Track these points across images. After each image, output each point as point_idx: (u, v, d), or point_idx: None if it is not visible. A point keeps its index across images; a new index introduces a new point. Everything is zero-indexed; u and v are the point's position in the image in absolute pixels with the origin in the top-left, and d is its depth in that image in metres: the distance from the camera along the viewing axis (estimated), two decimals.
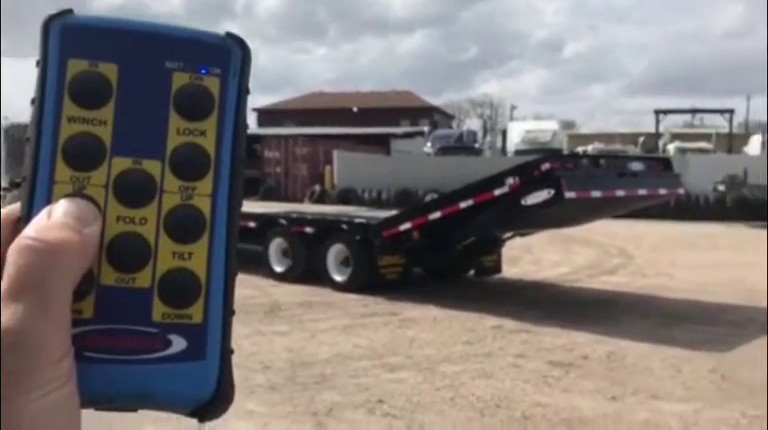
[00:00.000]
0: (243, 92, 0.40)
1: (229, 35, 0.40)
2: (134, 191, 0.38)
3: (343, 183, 25.98)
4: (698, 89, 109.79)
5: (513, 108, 60.56)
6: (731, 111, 31.65)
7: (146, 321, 0.38)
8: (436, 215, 8.10)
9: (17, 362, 0.33)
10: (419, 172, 24.93)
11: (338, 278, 9.03)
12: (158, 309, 0.38)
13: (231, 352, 0.39)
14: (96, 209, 0.38)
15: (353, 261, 8.89)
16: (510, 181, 7.46)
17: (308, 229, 9.51)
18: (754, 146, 27.44)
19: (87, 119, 0.38)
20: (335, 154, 27.35)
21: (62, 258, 0.35)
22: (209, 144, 0.39)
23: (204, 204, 0.39)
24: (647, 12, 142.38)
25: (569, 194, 7.09)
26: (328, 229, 9.36)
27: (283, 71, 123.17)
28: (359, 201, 23.00)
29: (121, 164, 0.38)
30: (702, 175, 20.87)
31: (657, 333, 6.76)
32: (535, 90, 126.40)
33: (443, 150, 31.17)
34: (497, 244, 9.57)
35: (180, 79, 0.39)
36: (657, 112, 30.99)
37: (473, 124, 62.48)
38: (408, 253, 8.80)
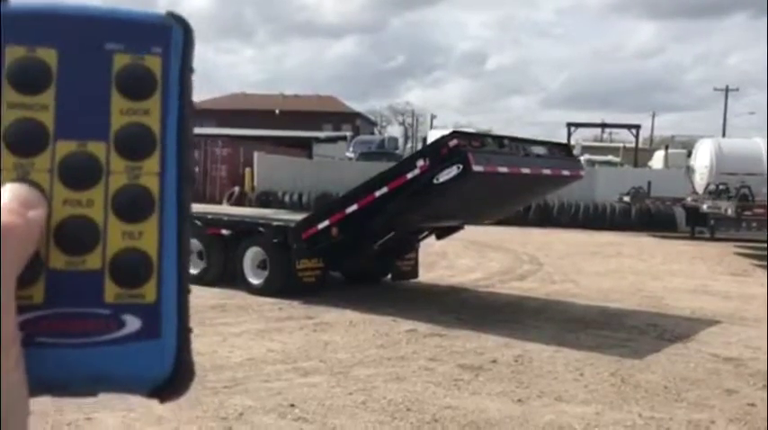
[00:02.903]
0: (186, 70, 0.40)
1: (170, 14, 0.40)
2: (79, 173, 0.38)
3: (263, 185, 25.63)
4: (609, 105, 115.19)
5: (433, 117, 61.58)
6: (638, 127, 33.33)
7: (98, 303, 0.37)
8: (353, 208, 8.12)
9: None
10: (340, 176, 24.89)
11: (255, 281, 8.91)
12: (110, 290, 0.37)
13: (190, 330, 0.38)
14: (41, 193, 0.37)
15: (270, 264, 8.80)
16: (420, 163, 7.62)
17: (225, 231, 9.34)
18: (657, 160, 28.98)
19: (28, 104, 0.38)
20: (256, 156, 26.96)
21: (6, 243, 0.34)
22: (153, 123, 0.39)
23: (152, 183, 0.38)
24: (567, 29, 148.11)
25: (477, 168, 7.31)
26: (245, 232, 9.23)
27: (208, 71, 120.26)
28: (279, 205, 22.75)
29: (66, 147, 0.38)
30: (609, 187, 21.85)
31: (563, 337, 7.03)
32: (457, 100, 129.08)
33: (365, 156, 31.30)
34: (413, 245, 9.70)
35: (121, 60, 0.39)
36: (569, 125, 32.25)
37: (395, 131, 63.09)
38: (326, 256, 8.79)
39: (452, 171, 7.29)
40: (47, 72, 0.38)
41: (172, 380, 0.38)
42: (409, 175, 7.67)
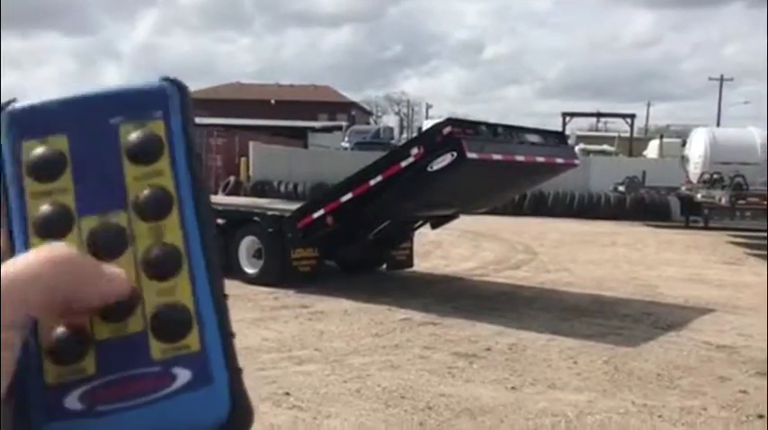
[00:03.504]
0: (188, 125, 0.42)
1: (164, 79, 0.42)
2: (107, 244, 0.40)
3: (258, 175, 25.60)
4: (606, 94, 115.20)
5: (428, 107, 61.53)
6: (633, 116, 33.36)
7: (147, 362, 0.38)
8: (348, 197, 8.12)
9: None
10: (336, 166, 24.85)
11: (250, 271, 8.92)
12: (156, 348, 0.38)
13: (240, 371, 0.40)
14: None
15: (266, 253, 8.81)
16: (414, 151, 7.63)
17: (220, 221, 9.33)
18: (652, 150, 29.03)
19: (49, 191, 0.40)
20: (251, 145, 26.90)
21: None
22: (167, 182, 0.40)
23: (176, 238, 0.40)
24: (564, 18, 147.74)
25: (471, 155, 7.32)
26: (240, 221, 9.23)
27: (205, 61, 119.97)
28: (274, 194, 22.72)
29: (90, 222, 0.40)
30: (604, 176, 21.89)
31: (557, 325, 7.07)
32: (454, 90, 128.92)
33: (360, 145, 31.25)
34: (408, 234, 9.71)
35: (126, 130, 0.41)
36: (564, 115, 32.26)
37: (390, 121, 62.95)
38: (322, 246, 8.79)
39: (446, 158, 7.30)
40: (61, 157, 0.40)
41: (232, 422, 0.39)
42: (403, 164, 7.67)
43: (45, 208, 0.40)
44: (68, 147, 0.41)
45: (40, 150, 0.40)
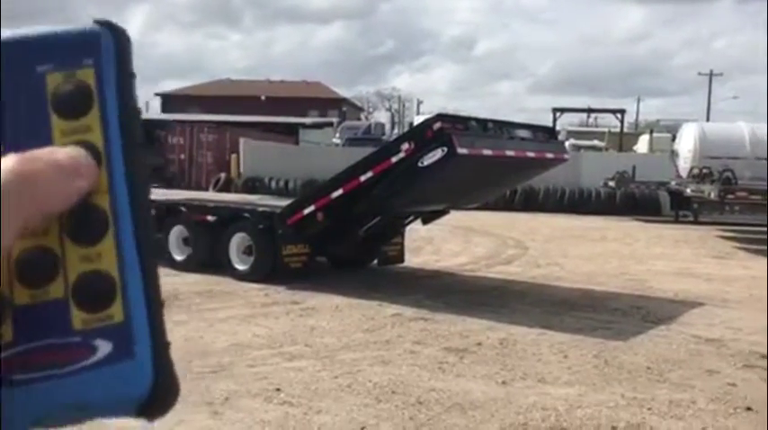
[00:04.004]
0: (125, 77, 0.39)
1: (98, 22, 0.39)
2: None
3: (249, 171, 25.54)
4: (597, 90, 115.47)
5: (420, 102, 61.53)
6: (623, 112, 33.42)
7: (67, 331, 0.37)
8: (339, 193, 8.11)
9: None
10: (327, 162, 24.80)
11: (240, 267, 8.89)
12: (77, 317, 0.37)
13: (167, 344, 0.38)
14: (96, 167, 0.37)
15: (256, 250, 8.79)
16: (405, 146, 7.63)
17: (210, 218, 9.31)
18: (642, 145, 29.12)
19: None
20: (242, 142, 26.82)
21: (26, 190, 0.34)
22: (96, 138, 0.38)
23: (103, 201, 0.37)
24: (556, 13, 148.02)
25: (462, 151, 7.33)
26: (231, 218, 9.20)
27: (196, 57, 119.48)
28: (265, 191, 22.71)
29: None
30: (594, 172, 21.94)
31: (547, 320, 7.09)
32: (446, 86, 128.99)
33: (352, 141, 31.19)
34: (399, 230, 9.71)
35: (54, 80, 0.38)
36: (555, 111, 32.29)
37: (381, 117, 62.96)
38: (312, 242, 8.78)
39: (437, 154, 7.30)
40: None
41: (154, 398, 0.37)
42: (394, 159, 7.67)
43: None
44: None
45: None
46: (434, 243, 12.69)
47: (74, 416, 0.37)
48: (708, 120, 38.81)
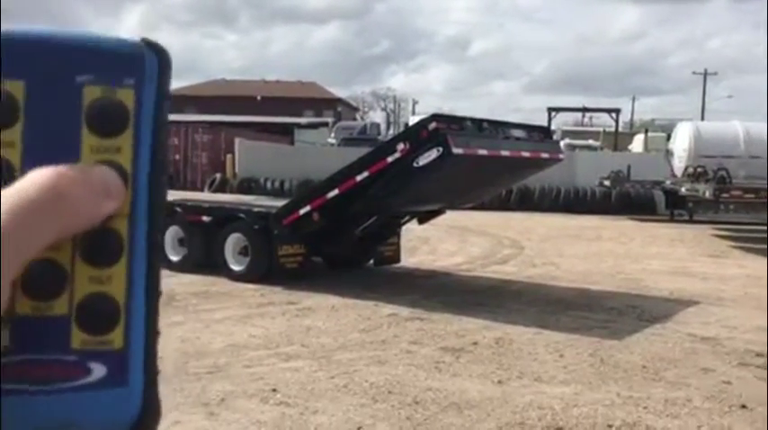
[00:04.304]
0: (161, 100, 0.38)
1: (144, 41, 0.38)
2: None
3: (244, 172, 25.50)
4: (592, 89, 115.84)
5: (415, 102, 61.59)
6: (617, 111, 33.55)
7: (64, 349, 0.36)
8: (334, 193, 8.11)
9: None
10: (322, 162, 24.76)
11: (236, 268, 8.88)
12: (77, 337, 0.36)
13: (157, 372, 0.38)
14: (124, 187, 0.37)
15: (252, 250, 8.78)
16: (401, 146, 7.64)
17: (206, 218, 9.30)
18: (637, 144, 29.19)
19: None
20: (237, 142, 26.80)
21: (56, 208, 0.34)
22: (124, 160, 0.37)
23: (121, 226, 0.37)
24: (551, 13, 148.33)
25: (457, 150, 7.34)
26: (226, 218, 9.19)
27: (191, 57, 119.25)
28: (261, 191, 22.69)
29: None
30: (590, 171, 21.97)
31: (543, 319, 7.10)
32: (441, 86, 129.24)
33: (347, 141, 31.20)
34: (395, 230, 9.71)
35: (91, 93, 0.37)
36: (550, 110, 32.36)
37: (377, 117, 63.00)
38: (308, 242, 8.78)
39: (432, 154, 7.31)
40: (14, 106, 0.36)
41: (139, 425, 0.37)
42: (389, 159, 7.68)
43: None
44: (24, 97, 0.36)
45: None
46: (430, 243, 12.69)
47: None
48: (702, 119, 38.90)
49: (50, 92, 0.36)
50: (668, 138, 22.65)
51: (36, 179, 0.34)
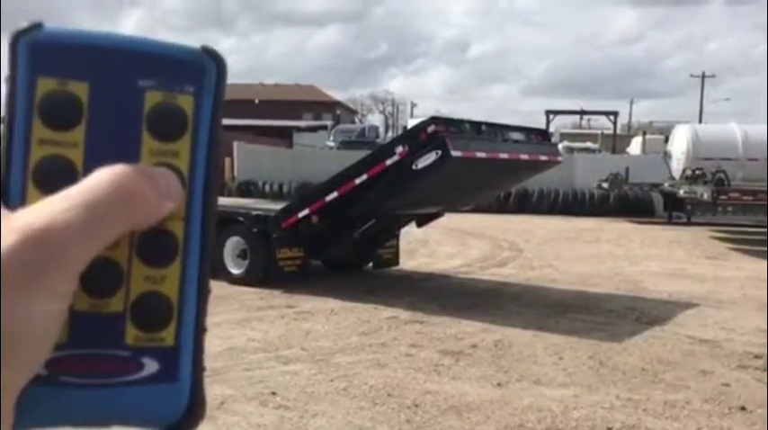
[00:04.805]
0: (218, 107, 0.39)
1: (205, 49, 0.39)
2: None
3: (243, 175, 25.48)
4: (590, 92, 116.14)
5: (413, 105, 61.64)
6: (616, 114, 33.59)
7: (119, 345, 0.38)
8: (333, 196, 8.11)
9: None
10: (321, 165, 24.79)
11: (235, 271, 8.88)
12: (131, 333, 0.38)
13: (203, 369, 0.39)
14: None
15: (251, 253, 8.78)
16: (399, 149, 7.66)
17: None
18: (635, 147, 29.24)
19: (58, 141, 0.37)
20: (236, 145, 26.76)
21: (123, 208, 0.35)
22: (182, 164, 0.38)
23: (177, 228, 0.38)
24: (549, 16, 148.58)
25: (456, 153, 7.37)
26: (225, 221, 9.18)
27: None
28: (259, 194, 22.64)
29: None
30: (588, 173, 22.00)
31: (542, 322, 7.10)
32: (439, 88, 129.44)
33: (346, 144, 31.24)
34: (394, 234, 9.71)
35: (153, 98, 0.38)
36: (548, 113, 32.41)
37: (375, 120, 62.99)
38: (307, 245, 8.77)
39: (431, 157, 7.33)
40: (78, 108, 0.37)
41: (184, 420, 0.39)
42: (388, 162, 7.68)
43: (50, 158, 0.36)
44: (88, 98, 0.37)
45: (57, 93, 0.36)
46: (429, 245, 12.70)
47: (105, 423, 0.38)
48: (700, 121, 38.98)
49: (113, 95, 0.37)
50: (666, 140, 22.68)
51: (105, 177, 0.35)
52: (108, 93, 0.37)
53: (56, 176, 0.36)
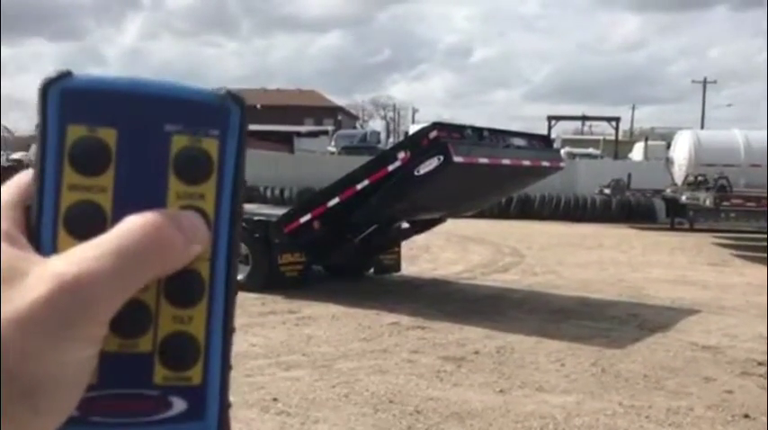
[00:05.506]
0: (241, 150, 0.40)
1: (229, 94, 0.40)
2: None
3: None
4: (593, 98, 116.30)
5: (415, 111, 61.74)
6: (618, 119, 33.63)
7: (148, 384, 0.38)
8: (335, 201, 8.11)
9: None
10: (322, 171, 24.84)
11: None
12: (159, 373, 0.38)
13: (229, 406, 0.40)
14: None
15: (252, 259, 8.76)
16: (401, 154, 7.65)
17: None
18: (637, 152, 29.23)
19: (87, 186, 0.37)
20: None
21: (155, 256, 0.36)
22: (208, 206, 0.39)
23: (203, 268, 0.39)
24: (552, 21, 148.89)
25: (458, 159, 7.36)
26: None
27: (192, 65, 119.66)
28: (261, 199, 22.64)
29: None
30: (590, 179, 22.02)
31: (544, 328, 7.08)
32: (442, 94, 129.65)
33: (347, 150, 31.28)
34: (396, 240, 9.71)
35: (179, 142, 0.38)
36: (550, 118, 32.45)
37: (377, 125, 63.11)
38: (309, 250, 8.77)
39: (433, 162, 7.32)
40: (106, 153, 0.38)
41: None
42: (390, 167, 7.68)
43: (79, 203, 0.37)
44: (116, 144, 0.38)
45: (86, 139, 0.37)
46: (431, 251, 12.69)
47: None
48: (702, 127, 38.98)
49: (141, 139, 0.38)
50: (668, 146, 22.68)
51: (136, 224, 0.36)
52: (135, 138, 0.38)
53: (86, 221, 0.37)
